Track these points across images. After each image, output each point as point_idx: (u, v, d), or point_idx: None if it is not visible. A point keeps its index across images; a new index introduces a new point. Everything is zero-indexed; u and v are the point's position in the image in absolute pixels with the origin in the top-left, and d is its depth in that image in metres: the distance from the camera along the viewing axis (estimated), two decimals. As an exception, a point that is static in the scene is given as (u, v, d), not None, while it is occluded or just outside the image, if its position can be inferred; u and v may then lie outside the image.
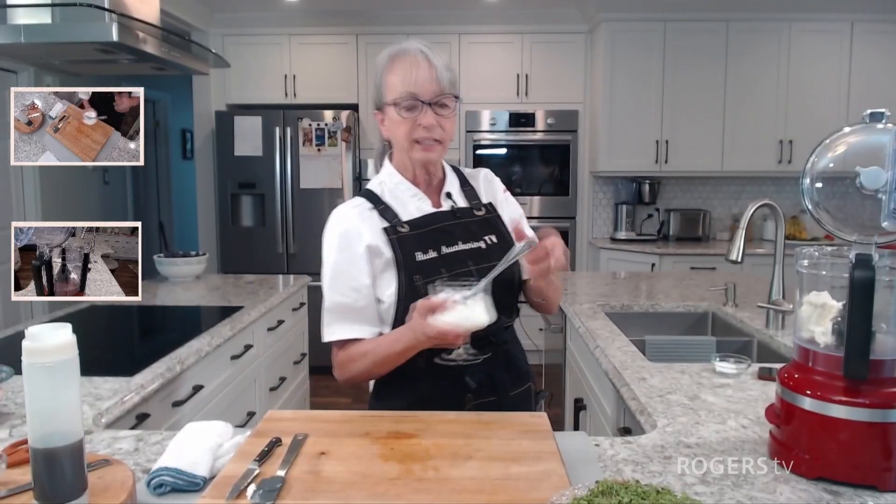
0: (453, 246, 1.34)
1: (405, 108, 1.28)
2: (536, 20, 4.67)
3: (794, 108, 4.52)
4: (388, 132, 1.36)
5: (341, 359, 1.33)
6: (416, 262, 1.30)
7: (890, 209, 0.94)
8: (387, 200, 1.37)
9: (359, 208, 1.37)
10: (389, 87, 1.30)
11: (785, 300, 2.04)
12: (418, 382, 1.31)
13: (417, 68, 1.27)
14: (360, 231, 1.32)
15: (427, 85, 1.27)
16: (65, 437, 0.84)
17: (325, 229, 1.38)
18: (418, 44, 1.31)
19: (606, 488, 0.84)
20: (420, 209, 1.37)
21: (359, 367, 1.30)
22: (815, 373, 1.02)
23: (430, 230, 1.34)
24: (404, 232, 1.32)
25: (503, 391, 1.36)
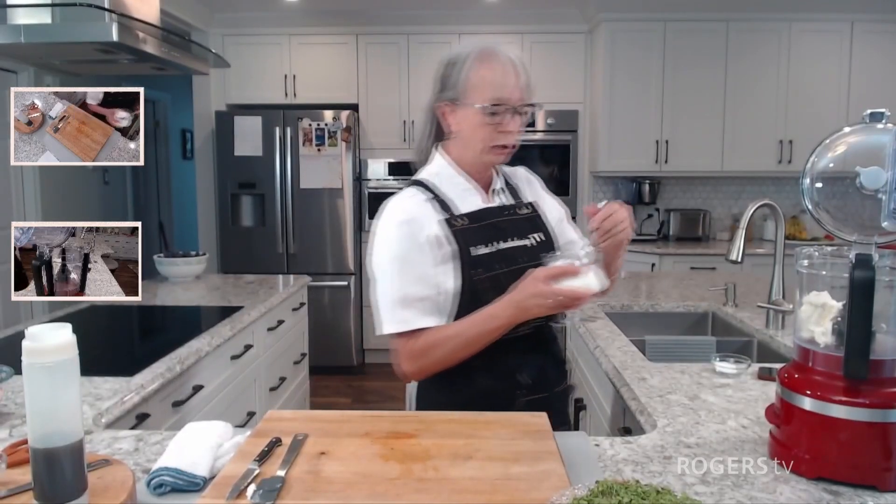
0: (507, 242, 1.34)
1: (490, 113, 1.27)
2: (536, 20, 4.67)
3: (794, 108, 4.52)
4: (458, 127, 1.33)
5: (416, 349, 1.27)
6: (475, 255, 1.29)
7: (890, 209, 0.94)
8: (442, 192, 1.34)
9: (416, 198, 1.33)
10: (476, 88, 1.28)
11: (785, 300, 2.04)
12: (474, 379, 1.30)
13: (507, 75, 1.27)
14: (422, 221, 1.29)
15: (515, 93, 1.28)
16: (65, 437, 0.84)
17: (382, 219, 1.33)
18: (507, 49, 1.30)
19: (606, 488, 0.84)
20: (474, 203, 1.36)
21: (440, 354, 1.26)
22: (815, 373, 1.02)
23: (485, 225, 1.33)
24: (463, 225, 1.31)
25: (551, 388, 1.38)
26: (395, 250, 1.28)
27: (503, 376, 1.31)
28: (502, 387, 1.32)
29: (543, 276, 1.16)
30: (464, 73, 1.28)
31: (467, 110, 1.29)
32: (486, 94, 1.27)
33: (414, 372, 1.30)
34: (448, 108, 1.33)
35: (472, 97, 1.28)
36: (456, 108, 1.31)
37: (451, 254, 1.28)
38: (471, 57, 1.28)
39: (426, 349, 1.26)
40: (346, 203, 4.58)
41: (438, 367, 1.28)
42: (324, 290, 4.58)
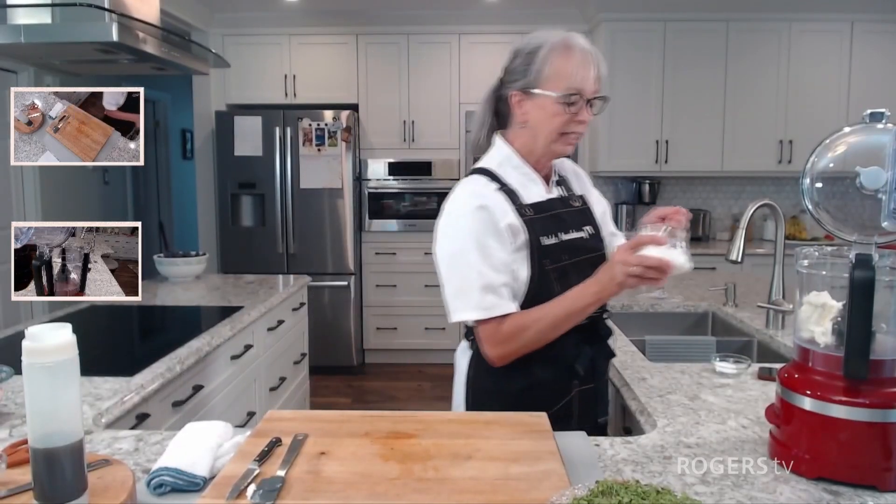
0: (569, 233, 1.35)
1: (567, 103, 1.28)
2: (536, 20, 4.66)
3: (794, 108, 4.52)
4: (529, 116, 1.33)
5: (504, 333, 1.26)
6: (545, 245, 1.30)
7: (890, 209, 0.94)
8: (508, 181, 1.34)
9: (488, 187, 1.32)
10: (554, 77, 1.28)
11: (785, 300, 2.04)
12: (532, 369, 1.31)
13: (587, 67, 1.28)
14: (497, 208, 1.29)
15: (592, 84, 1.29)
16: (65, 437, 0.84)
17: (456, 206, 1.32)
18: (583, 41, 1.30)
19: (606, 488, 0.84)
20: (538, 194, 1.36)
21: (528, 337, 1.26)
22: (815, 373, 1.02)
23: (550, 215, 1.35)
24: (531, 215, 1.31)
25: (600, 378, 1.41)
26: (475, 236, 1.27)
27: (561, 366, 1.33)
28: (559, 377, 1.33)
29: (629, 245, 1.17)
30: (542, 62, 1.28)
31: (542, 99, 1.29)
32: (563, 83, 1.27)
33: (500, 356, 1.29)
34: (519, 97, 1.33)
35: (549, 86, 1.28)
36: (530, 97, 1.31)
37: (524, 243, 1.29)
38: (549, 47, 1.29)
39: (514, 333, 1.26)
40: (346, 203, 4.58)
41: (525, 350, 1.28)
42: (324, 290, 4.58)
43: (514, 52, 1.35)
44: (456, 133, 4.77)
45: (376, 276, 4.84)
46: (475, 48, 4.73)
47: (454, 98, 4.75)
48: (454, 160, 4.77)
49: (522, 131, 1.35)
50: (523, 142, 1.37)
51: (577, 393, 1.35)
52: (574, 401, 1.35)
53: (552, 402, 1.31)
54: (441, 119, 4.77)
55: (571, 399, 1.35)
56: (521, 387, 1.32)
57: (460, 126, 4.75)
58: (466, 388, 1.41)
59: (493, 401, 1.33)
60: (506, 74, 1.37)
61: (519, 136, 1.37)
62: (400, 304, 4.84)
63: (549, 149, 1.34)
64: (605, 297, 1.22)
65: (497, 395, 1.33)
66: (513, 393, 1.31)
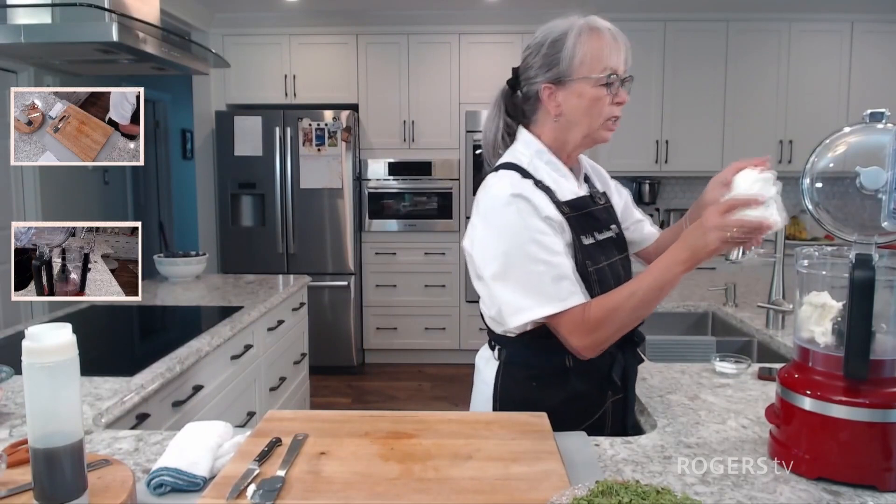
0: (602, 232, 1.29)
1: (605, 84, 1.21)
2: (536, 20, 4.61)
3: (794, 108, 4.52)
4: (564, 107, 1.25)
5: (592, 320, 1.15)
6: (584, 245, 1.23)
7: (890, 209, 0.94)
8: (541, 178, 1.25)
9: (525, 182, 1.23)
10: (588, 61, 1.21)
11: (785, 300, 2.04)
12: (570, 381, 1.25)
13: (617, 46, 1.23)
14: (538, 201, 1.20)
15: (621, 63, 1.23)
16: (65, 437, 0.84)
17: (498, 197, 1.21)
18: (605, 22, 1.25)
19: (606, 488, 0.84)
20: (571, 191, 1.28)
21: (623, 317, 1.15)
22: (815, 373, 1.02)
23: (584, 214, 1.27)
24: (569, 213, 1.23)
25: (631, 388, 1.35)
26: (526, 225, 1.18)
27: (597, 376, 1.27)
28: (595, 388, 1.27)
29: (723, 208, 1.07)
30: (573, 48, 1.21)
31: (579, 86, 1.22)
32: (599, 65, 1.21)
33: (592, 345, 1.17)
34: (553, 89, 1.25)
35: (585, 70, 1.21)
36: (563, 87, 1.23)
37: (569, 242, 1.21)
38: (577, 31, 1.22)
39: (605, 316, 1.15)
40: (346, 203, 4.58)
41: (619, 334, 1.18)
42: (324, 290, 4.58)
43: (531, 47, 1.29)
44: (456, 133, 4.77)
45: (376, 276, 4.84)
46: (475, 48, 4.73)
47: (454, 98, 4.75)
48: (454, 160, 4.77)
49: (554, 125, 1.27)
50: (555, 135, 1.28)
51: (610, 404, 1.29)
52: (608, 412, 1.29)
53: (587, 415, 1.26)
54: (441, 119, 4.77)
55: (606, 410, 1.29)
56: (558, 400, 1.23)
57: (460, 126, 4.76)
58: (494, 402, 1.30)
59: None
60: (526, 71, 1.30)
61: (549, 130, 1.29)
62: (400, 304, 4.84)
63: (589, 137, 1.27)
64: (695, 264, 1.11)
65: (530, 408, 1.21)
66: (547, 407, 1.20)
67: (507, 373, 1.29)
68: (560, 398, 1.24)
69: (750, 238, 1.07)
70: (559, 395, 1.24)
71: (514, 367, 1.28)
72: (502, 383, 1.30)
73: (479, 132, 4.71)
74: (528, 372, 1.26)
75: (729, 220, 1.06)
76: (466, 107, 4.74)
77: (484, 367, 1.35)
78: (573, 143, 1.28)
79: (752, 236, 1.06)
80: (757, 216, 1.05)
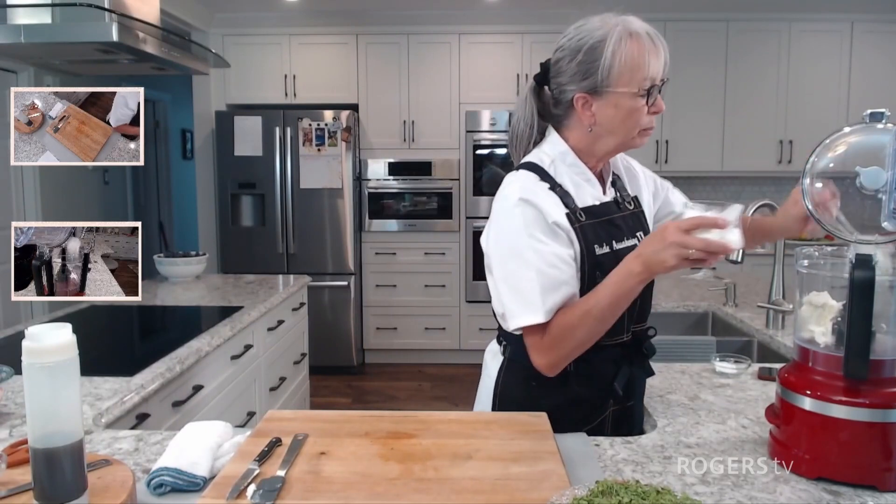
0: (622, 241, 1.25)
1: (645, 95, 1.17)
2: (536, 20, 4.67)
3: (794, 108, 4.53)
4: (598, 118, 1.20)
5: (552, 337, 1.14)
6: (596, 256, 1.19)
7: (890, 209, 0.94)
8: (561, 181, 1.22)
9: (539, 185, 1.20)
10: (627, 71, 1.15)
11: (785, 300, 2.04)
12: (570, 385, 1.24)
13: (657, 53, 1.17)
14: (544, 205, 1.18)
15: (661, 70, 1.18)
16: (65, 437, 0.84)
17: (507, 198, 1.20)
18: (643, 24, 1.19)
19: (606, 488, 0.84)
20: (593, 196, 1.25)
21: (581, 335, 1.13)
22: (815, 373, 1.02)
23: (604, 221, 1.23)
24: (584, 221, 1.20)
25: (638, 399, 1.33)
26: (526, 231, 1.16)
27: (599, 384, 1.25)
28: (596, 395, 1.26)
29: (686, 226, 1.04)
30: (611, 57, 1.16)
31: (616, 97, 1.17)
32: (638, 76, 1.16)
33: (551, 364, 1.16)
34: (588, 99, 1.20)
35: (624, 82, 1.16)
36: (599, 98, 1.19)
37: (577, 253, 1.19)
38: (616, 37, 1.16)
39: (562, 335, 1.14)
40: (346, 203, 4.58)
41: (576, 352, 1.16)
42: (324, 290, 4.58)
43: (566, 50, 1.22)
44: (456, 133, 4.77)
45: (376, 276, 4.84)
46: (475, 48, 4.73)
47: (454, 98, 4.75)
48: (454, 160, 4.77)
49: (584, 132, 1.23)
50: (584, 141, 1.25)
51: (611, 412, 1.28)
52: (608, 420, 1.28)
53: (585, 420, 1.25)
54: (441, 119, 4.77)
55: (605, 418, 1.28)
56: (556, 403, 1.22)
57: (460, 126, 4.76)
58: (494, 397, 1.31)
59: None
60: (556, 75, 1.24)
61: (576, 134, 1.25)
62: (400, 304, 4.84)
63: (626, 144, 1.23)
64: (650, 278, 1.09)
65: (527, 407, 1.22)
66: (545, 408, 1.20)
67: (509, 369, 1.30)
68: (559, 401, 1.23)
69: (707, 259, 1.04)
70: (558, 398, 1.24)
71: (516, 365, 1.28)
72: (504, 380, 1.31)
73: (479, 132, 4.74)
74: (530, 371, 1.25)
75: (691, 239, 1.02)
76: (466, 107, 4.74)
77: (490, 361, 1.36)
78: (604, 150, 1.25)
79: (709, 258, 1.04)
80: (719, 239, 1.03)
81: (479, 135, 4.74)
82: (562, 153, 1.25)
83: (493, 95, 4.73)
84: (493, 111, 4.73)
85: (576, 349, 1.15)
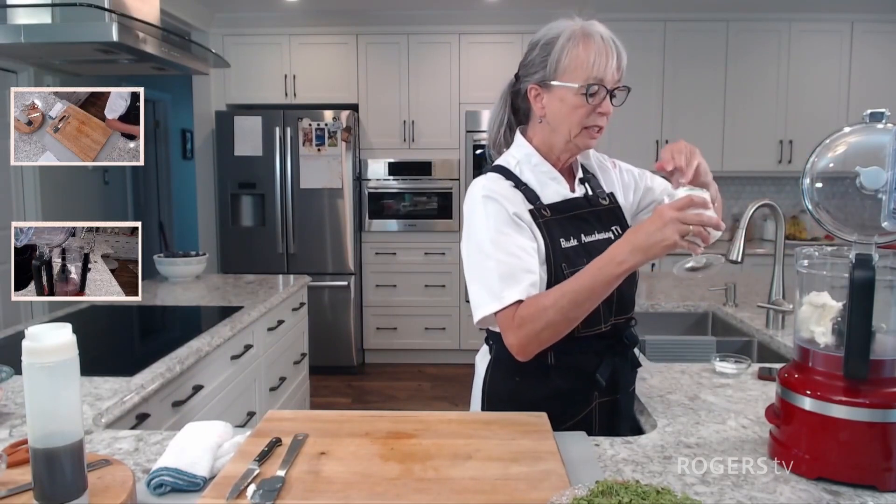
0: (591, 235, 1.29)
1: (586, 94, 1.21)
2: (536, 20, 4.63)
3: (794, 108, 4.52)
4: (548, 110, 1.27)
5: (521, 316, 1.16)
6: (562, 248, 1.24)
7: (890, 209, 0.94)
8: (526, 180, 1.29)
9: (502, 183, 1.26)
10: (572, 68, 1.21)
11: (785, 300, 2.04)
12: (551, 378, 1.27)
13: (606, 56, 1.21)
14: (510, 201, 1.23)
15: (612, 73, 1.22)
16: (65, 437, 0.84)
17: (472, 197, 1.26)
18: (602, 28, 1.25)
19: (606, 488, 0.84)
20: (559, 193, 1.30)
21: (551, 316, 1.13)
22: (815, 373, 1.02)
23: (570, 216, 1.29)
24: (548, 216, 1.26)
25: (624, 390, 1.34)
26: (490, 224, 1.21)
27: (581, 376, 1.28)
28: (579, 387, 1.28)
29: (679, 205, 1.06)
30: (559, 53, 1.22)
31: (561, 91, 1.23)
32: (582, 74, 1.21)
33: (520, 343, 1.17)
34: (537, 92, 1.27)
35: (568, 77, 1.22)
36: (548, 90, 1.25)
37: (540, 247, 1.23)
38: (567, 36, 1.23)
39: (532, 315, 1.15)
40: (346, 203, 4.58)
41: (548, 335, 1.16)
42: (324, 290, 4.58)
43: (530, 44, 1.30)
44: (456, 133, 4.77)
45: (376, 276, 4.84)
46: (475, 48, 4.73)
47: (454, 98, 4.75)
48: (454, 160, 4.77)
49: (542, 126, 1.30)
50: (543, 138, 1.31)
51: (596, 404, 1.30)
52: (594, 412, 1.30)
53: (571, 413, 1.28)
54: (441, 119, 4.77)
55: (591, 410, 1.30)
56: (539, 396, 1.26)
57: (460, 126, 4.76)
58: (483, 395, 1.35)
59: (509, 409, 1.25)
60: (522, 68, 1.32)
61: (538, 132, 1.31)
62: (400, 304, 4.84)
63: (571, 143, 1.28)
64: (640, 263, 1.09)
65: (514, 403, 1.26)
66: (530, 402, 1.24)
67: (495, 367, 1.34)
68: (542, 394, 1.27)
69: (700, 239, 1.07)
70: (541, 392, 1.27)
71: (500, 363, 1.32)
72: (490, 378, 1.35)
73: (479, 132, 4.74)
74: (513, 367, 1.28)
75: (689, 215, 1.05)
76: (466, 107, 4.74)
77: (479, 362, 1.40)
78: (559, 147, 1.30)
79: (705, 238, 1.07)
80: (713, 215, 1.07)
81: (479, 135, 4.74)
82: (527, 154, 1.31)
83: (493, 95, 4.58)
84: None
85: (547, 330, 1.15)
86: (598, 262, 1.12)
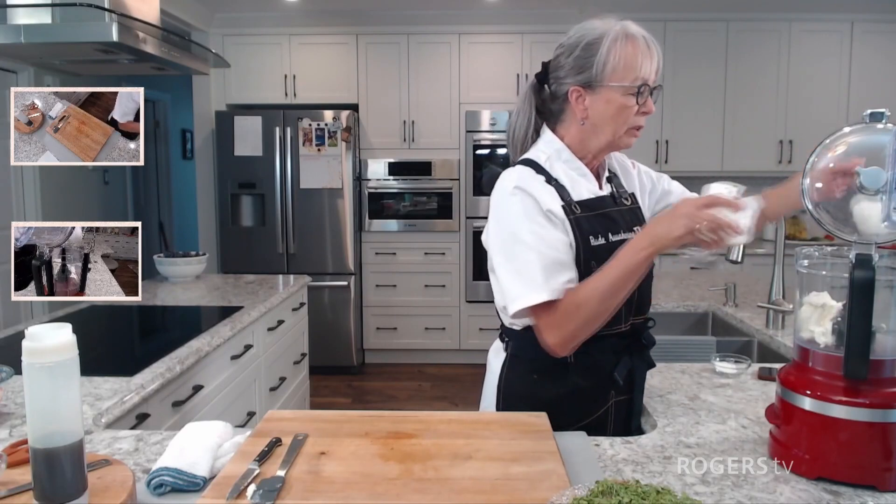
0: (618, 234, 1.28)
1: (635, 94, 1.21)
2: (536, 20, 4.67)
3: (794, 108, 4.53)
4: (591, 112, 1.25)
5: (560, 314, 1.16)
6: (592, 246, 1.23)
7: (890, 209, 0.94)
8: (556, 175, 1.27)
9: (535, 178, 1.24)
10: (621, 69, 1.20)
11: (785, 300, 2.04)
12: (570, 376, 1.26)
13: (651, 55, 1.22)
14: (539, 194, 1.22)
15: (653, 73, 1.23)
16: (65, 437, 0.84)
17: (502, 189, 1.24)
18: (640, 28, 1.24)
19: (606, 488, 0.84)
20: (589, 190, 1.29)
21: (590, 310, 1.14)
22: (815, 373, 1.02)
23: (599, 214, 1.28)
24: (578, 213, 1.24)
25: (639, 391, 1.35)
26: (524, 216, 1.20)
27: (599, 375, 1.28)
28: (597, 386, 1.28)
29: (702, 202, 1.08)
30: (606, 55, 1.21)
31: (609, 92, 1.22)
32: (631, 74, 1.21)
33: (561, 341, 1.17)
34: (581, 92, 1.25)
35: (617, 78, 1.21)
36: (593, 91, 1.24)
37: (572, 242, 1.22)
38: (613, 37, 1.21)
39: (571, 312, 1.15)
40: (346, 203, 4.58)
41: (587, 329, 1.16)
42: (324, 290, 4.58)
43: (565, 46, 1.28)
44: (456, 133, 4.77)
45: (376, 276, 4.84)
46: (475, 48, 4.73)
47: (454, 98, 4.75)
48: (454, 160, 4.77)
49: (580, 127, 1.28)
50: (578, 137, 1.29)
51: (613, 403, 1.30)
52: (610, 411, 1.30)
53: (588, 411, 1.28)
54: (441, 119, 4.77)
55: (608, 409, 1.30)
56: (557, 394, 1.25)
57: (460, 126, 4.76)
58: (498, 392, 1.34)
59: (525, 407, 1.24)
60: (554, 69, 1.29)
61: (572, 132, 1.29)
62: (400, 304, 4.84)
63: (615, 143, 1.27)
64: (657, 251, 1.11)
65: (530, 400, 1.25)
66: (547, 400, 1.23)
67: (512, 365, 1.33)
68: (560, 392, 1.26)
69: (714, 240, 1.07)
70: (559, 389, 1.26)
71: (518, 360, 1.31)
72: (507, 375, 1.33)
73: (479, 132, 4.74)
74: (531, 365, 1.28)
75: (702, 213, 1.07)
76: (466, 107, 4.74)
77: (493, 359, 1.39)
78: (596, 147, 1.29)
79: (718, 238, 1.07)
80: (731, 218, 1.07)
81: (479, 135, 4.74)
82: (557, 150, 1.29)
83: (493, 95, 4.73)
84: (493, 111, 4.73)
85: (583, 327, 1.16)
86: (621, 253, 1.14)
